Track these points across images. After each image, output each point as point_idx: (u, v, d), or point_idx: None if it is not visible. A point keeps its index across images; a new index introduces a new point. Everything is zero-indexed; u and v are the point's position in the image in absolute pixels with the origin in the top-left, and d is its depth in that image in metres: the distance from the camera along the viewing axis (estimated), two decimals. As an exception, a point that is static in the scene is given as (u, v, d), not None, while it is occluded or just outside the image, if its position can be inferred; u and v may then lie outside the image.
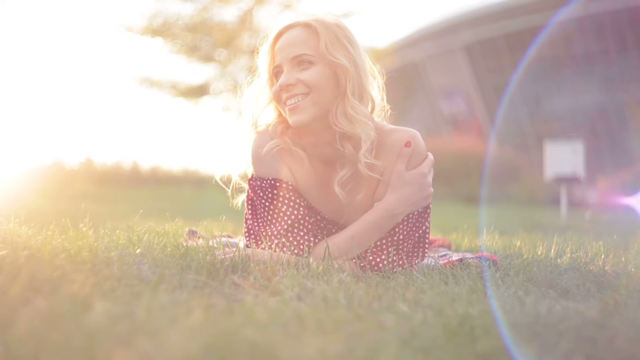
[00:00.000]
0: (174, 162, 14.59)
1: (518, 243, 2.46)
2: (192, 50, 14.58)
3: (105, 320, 0.95)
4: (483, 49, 21.39)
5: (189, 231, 2.25)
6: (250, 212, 1.84)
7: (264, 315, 1.08)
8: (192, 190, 11.82)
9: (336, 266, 1.64)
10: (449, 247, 2.34)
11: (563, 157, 6.43)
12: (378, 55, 16.23)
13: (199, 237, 2.09)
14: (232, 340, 0.93)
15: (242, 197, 1.91)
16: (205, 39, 14.57)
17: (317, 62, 1.71)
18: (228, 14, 14.61)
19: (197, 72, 20.93)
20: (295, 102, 1.70)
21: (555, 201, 7.58)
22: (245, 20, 14.28)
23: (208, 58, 14.79)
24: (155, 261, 1.47)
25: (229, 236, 2.32)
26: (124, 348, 0.86)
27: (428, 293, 1.39)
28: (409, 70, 24.02)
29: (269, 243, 1.73)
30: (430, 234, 2.88)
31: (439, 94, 24.02)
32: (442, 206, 9.17)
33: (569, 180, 6.55)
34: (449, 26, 22.10)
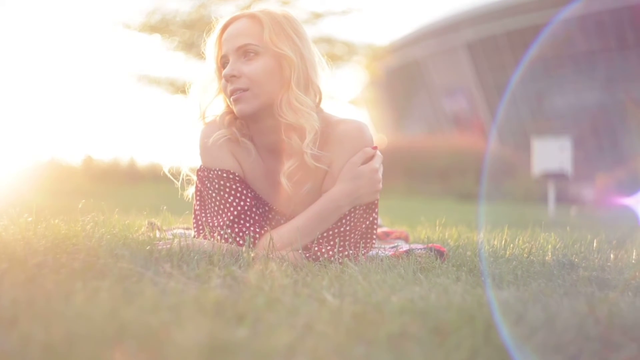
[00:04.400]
0: (172, 159, 14.58)
1: (481, 236, 2.46)
2: (190, 47, 14.58)
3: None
4: (485, 47, 21.33)
5: (148, 223, 2.26)
6: (198, 203, 1.84)
7: (171, 301, 1.08)
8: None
9: (271, 256, 1.63)
10: (406, 239, 2.34)
11: (550, 154, 6.42)
12: (379, 54, 16.18)
13: (153, 229, 2.09)
14: (124, 322, 0.93)
15: (192, 189, 1.91)
16: (203, 36, 14.55)
17: (262, 53, 1.72)
18: (226, 11, 14.61)
19: (194, 69, 20.92)
20: (238, 94, 1.70)
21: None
22: (243, 17, 14.24)
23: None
24: (89, 250, 1.47)
25: (187, 228, 2.32)
26: (8, 329, 0.87)
27: (361, 282, 1.39)
28: (411, 68, 24.00)
29: (213, 233, 1.73)
30: (394, 226, 2.88)
31: (441, 92, 23.97)
32: (435, 203, 9.15)
33: (556, 177, 6.54)
34: (451, 24, 22.05)
